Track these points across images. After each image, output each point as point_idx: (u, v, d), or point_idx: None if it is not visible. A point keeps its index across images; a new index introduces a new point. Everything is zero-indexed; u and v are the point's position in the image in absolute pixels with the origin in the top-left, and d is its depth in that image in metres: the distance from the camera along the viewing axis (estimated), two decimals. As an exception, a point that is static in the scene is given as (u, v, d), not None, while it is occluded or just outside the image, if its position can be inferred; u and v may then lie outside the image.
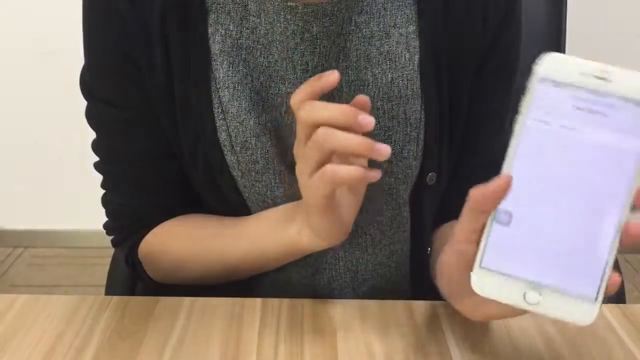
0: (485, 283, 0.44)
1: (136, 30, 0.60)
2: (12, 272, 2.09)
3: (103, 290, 0.85)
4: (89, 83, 0.65)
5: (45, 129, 2.10)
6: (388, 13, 0.62)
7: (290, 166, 0.64)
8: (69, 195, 2.16)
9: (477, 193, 0.43)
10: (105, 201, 0.70)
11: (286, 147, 0.63)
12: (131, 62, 0.61)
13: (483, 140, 0.68)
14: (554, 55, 0.42)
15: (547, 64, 0.42)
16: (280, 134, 0.63)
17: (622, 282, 0.97)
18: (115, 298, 0.61)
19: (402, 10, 0.62)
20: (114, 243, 0.72)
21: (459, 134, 0.66)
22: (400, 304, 0.60)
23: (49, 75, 2.02)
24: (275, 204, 0.64)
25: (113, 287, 0.84)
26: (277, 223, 0.61)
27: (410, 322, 0.58)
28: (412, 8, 0.63)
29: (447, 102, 0.64)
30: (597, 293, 0.42)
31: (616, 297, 0.84)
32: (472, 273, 0.44)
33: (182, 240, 0.67)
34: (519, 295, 0.43)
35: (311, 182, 0.52)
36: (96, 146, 0.68)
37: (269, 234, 0.62)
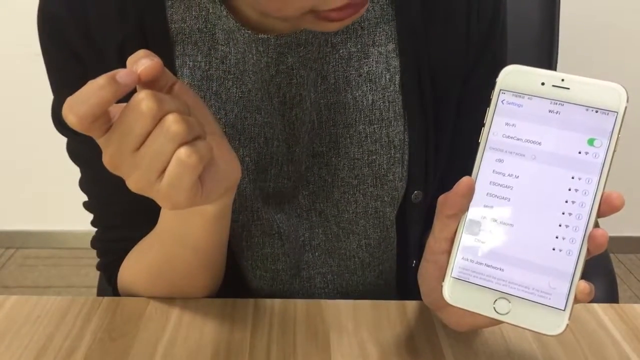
0: (456, 293, 0.44)
1: (96, 68, 0.51)
2: (3, 273, 2.07)
3: (95, 291, 0.84)
4: (57, 113, 0.61)
5: (38, 130, 2.09)
6: (365, 32, 0.59)
7: (267, 200, 0.62)
8: (62, 196, 2.15)
9: (442, 198, 0.44)
10: (95, 240, 0.67)
11: (265, 179, 0.61)
12: None
13: (470, 153, 0.66)
14: (514, 67, 0.43)
15: (508, 76, 0.43)
16: (258, 166, 0.60)
17: (615, 281, 0.96)
18: (106, 299, 0.60)
19: (380, 27, 0.59)
20: (107, 279, 0.68)
21: (444, 150, 0.64)
22: (393, 304, 0.60)
23: (41, 76, 2.01)
24: (250, 242, 0.63)
25: (105, 288, 0.83)
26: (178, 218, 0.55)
27: (403, 322, 0.58)
28: (391, 24, 0.59)
29: (432, 119, 0.61)
30: (566, 303, 0.42)
31: (610, 297, 0.85)
32: (443, 283, 0.44)
33: (127, 266, 0.64)
34: (489, 305, 0.43)
35: (171, 179, 0.42)
36: (81, 183, 0.65)
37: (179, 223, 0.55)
